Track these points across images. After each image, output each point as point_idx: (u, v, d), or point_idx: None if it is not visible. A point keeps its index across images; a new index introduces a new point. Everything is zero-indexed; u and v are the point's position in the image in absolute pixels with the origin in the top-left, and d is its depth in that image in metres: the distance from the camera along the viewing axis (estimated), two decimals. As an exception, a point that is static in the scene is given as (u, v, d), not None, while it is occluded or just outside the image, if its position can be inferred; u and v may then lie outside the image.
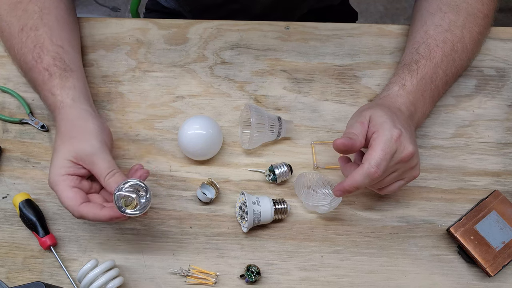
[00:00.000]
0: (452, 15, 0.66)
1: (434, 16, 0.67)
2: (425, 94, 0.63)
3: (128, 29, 0.76)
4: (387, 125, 0.56)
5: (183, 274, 0.61)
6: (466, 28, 0.66)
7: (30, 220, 0.62)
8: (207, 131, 0.64)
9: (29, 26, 0.63)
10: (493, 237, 0.61)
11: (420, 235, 0.64)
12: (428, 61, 0.64)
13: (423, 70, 0.63)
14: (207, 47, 0.75)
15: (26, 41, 0.63)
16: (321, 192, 0.64)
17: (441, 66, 0.64)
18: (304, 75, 0.73)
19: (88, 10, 1.84)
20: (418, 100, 0.63)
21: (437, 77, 0.64)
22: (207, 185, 0.64)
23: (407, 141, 0.56)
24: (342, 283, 0.61)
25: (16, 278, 0.61)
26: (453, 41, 0.65)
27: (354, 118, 0.60)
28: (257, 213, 0.61)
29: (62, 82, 0.61)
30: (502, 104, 0.71)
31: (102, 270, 0.57)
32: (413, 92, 0.62)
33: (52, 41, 0.63)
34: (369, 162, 0.55)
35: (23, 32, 0.63)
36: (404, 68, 0.65)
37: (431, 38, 0.65)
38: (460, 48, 0.65)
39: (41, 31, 0.63)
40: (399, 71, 0.65)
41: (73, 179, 0.56)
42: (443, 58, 0.64)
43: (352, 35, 0.76)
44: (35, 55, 0.62)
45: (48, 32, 0.63)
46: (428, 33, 0.66)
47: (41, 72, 0.61)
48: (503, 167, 0.67)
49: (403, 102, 0.61)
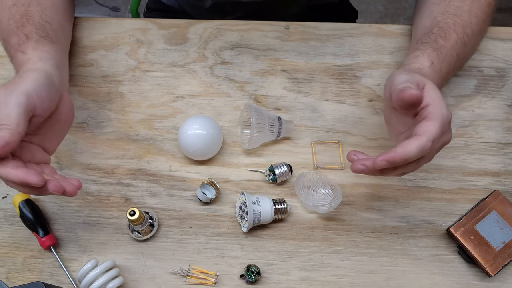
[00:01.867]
0: (457, 2, 0.65)
1: (439, 6, 0.65)
2: (444, 77, 0.60)
3: (128, 29, 0.76)
4: (443, 104, 0.51)
5: (183, 274, 0.61)
6: (473, 13, 0.64)
7: (30, 220, 0.61)
8: (207, 131, 0.64)
9: (22, 2, 0.62)
10: (493, 237, 0.61)
11: (420, 235, 0.64)
12: (446, 41, 0.61)
13: (443, 51, 0.60)
14: (207, 47, 0.75)
15: (15, 13, 0.61)
16: (321, 192, 0.64)
17: (455, 48, 0.61)
18: (304, 75, 0.73)
19: (88, 10, 1.84)
20: (439, 84, 0.59)
21: (452, 60, 0.61)
22: (207, 185, 0.64)
23: (450, 128, 0.52)
24: (342, 283, 0.61)
25: (16, 278, 0.61)
26: (463, 25, 0.63)
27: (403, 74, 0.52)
28: (257, 213, 0.61)
29: (37, 45, 0.57)
30: (502, 104, 0.71)
31: (102, 270, 0.57)
32: (437, 73, 0.58)
33: (41, 17, 0.62)
34: (428, 136, 0.48)
35: (14, 6, 0.62)
36: (426, 44, 0.60)
37: (441, 22, 0.63)
38: (470, 33, 0.63)
39: (32, 7, 0.62)
40: (420, 47, 0.60)
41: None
42: (457, 40, 0.62)
43: (352, 35, 0.76)
44: (19, 24, 0.60)
45: (39, 10, 0.62)
46: (437, 19, 0.63)
47: (20, 37, 0.58)
48: (503, 167, 0.67)
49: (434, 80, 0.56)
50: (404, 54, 0.74)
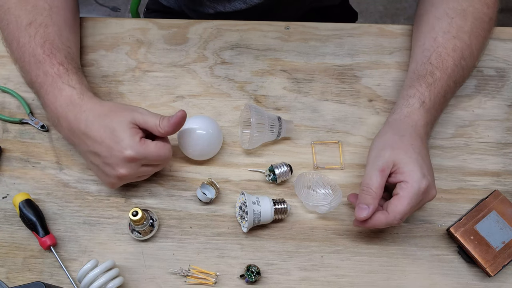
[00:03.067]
0: (459, 20, 0.65)
1: (441, 22, 0.66)
2: (439, 108, 0.63)
3: (128, 29, 0.76)
4: (416, 175, 0.56)
5: (183, 274, 0.61)
6: (474, 33, 0.65)
7: (30, 220, 0.61)
8: (207, 131, 0.64)
9: (38, 22, 0.64)
10: (493, 237, 0.61)
11: (420, 235, 0.64)
12: (443, 73, 0.63)
13: (439, 83, 0.62)
14: (207, 47, 0.75)
15: (35, 35, 0.63)
16: (321, 192, 0.64)
17: (452, 77, 0.64)
18: (304, 75, 0.73)
19: (88, 10, 1.84)
20: (433, 117, 0.63)
21: (449, 89, 0.64)
22: (207, 185, 0.64)
23: (432, 188, 0.57)
24: (342, 283, 0.61)
25: (16, 278, 0.61)
26: (462, 48, 0.64)
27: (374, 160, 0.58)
28: (257, 213, 0.61)
29: (80, 79, 0.63)
30: (502, 104, 0.71)
31: (102, 270, 0.57)
32: (430, 110, 0.62)
33: (61, 41, 0.65)
34: (395, 215, 0.55)
35: (31, 26, 0.64)
36: (421, 80, 0.63)
37: (441, 47, 0.64)
38: (468, 55, 0.65)
39: (50, 29, 0.64)
40: (415, 83, 0.63)
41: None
42: (454, 68, 0.64)
43: (352, 35, 0.76)
44: (46, 50, 0.62)
45: (58, 32, 0.65)
46: (437, 40, 0.65)
47: (55, 66, 0.62)
48: (503, 167, 0.67)
49: (422, 124, 0.61)
50: (404, 54, 0.74)
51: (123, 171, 0.58)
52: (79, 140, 0.60)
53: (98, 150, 0.58)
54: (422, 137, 0.60)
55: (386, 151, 0.58)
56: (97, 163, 0.59)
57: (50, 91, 0.61)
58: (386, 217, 0.56)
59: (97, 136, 0.58)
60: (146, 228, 0.61)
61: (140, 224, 0.60)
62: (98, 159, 0.59)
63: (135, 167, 0.59)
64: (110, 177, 0.59)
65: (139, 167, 0.59)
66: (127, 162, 0.58)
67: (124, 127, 0.58)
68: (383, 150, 0.58)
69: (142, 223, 0.60)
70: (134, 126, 0.59)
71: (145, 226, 0.61)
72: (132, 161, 0.58)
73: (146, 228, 0.61)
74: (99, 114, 0.59)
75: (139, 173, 0.60)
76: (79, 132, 0.59)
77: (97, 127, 0.58)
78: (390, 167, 0.57)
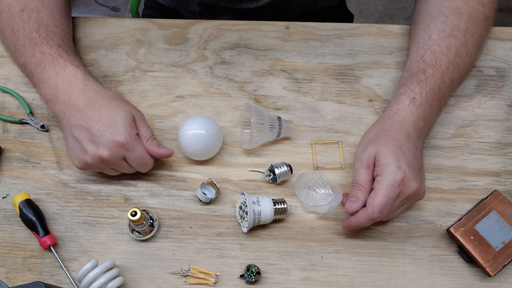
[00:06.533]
0: (454, 19, 0.65)
1: (436, 20, 0.66)
2: (434, 104, 0.63)
3: (128, 29, 0.76)
4: (391, 168, 0.57)
5: (183, 274, 0.61)
6: (469, 31, 0.65)
7: (30, 220, 0.62)
8: (207, 131, 0.64)
9: (30, 8, 0.65)
10: (493, 237, 0.61)
11: (420, 235, 0.64)
12: (435, 70, 0.63)
13: (431, 80, 0.63)
14: (207, 47, 0.75)
15: (28, 21, 0.64)
16: (321, 192, 0.64)
17: (447, 74, 0.64)
18: (304, 75, 0.73)
19: (88, 10, 1.84)
20: (427, 113, 0.62)
21: (444, 86, 0.64)
22: (207, 185, 0.64)
23: (411, 180, 0.57)
24: (342, 283, 0.61)
25: (16, 278, 0.61)
26: (457, 46, 0.64)
27: (359, 157, 0.60)
28: (257, 213, 0.61)
29: (81, 62, 0.65)
30: (502, 104, 0.71)
31: (102, 270, 0.57)
32: (422, 105, 0.62)
33: (55, 24, 0.66)
34: (373, 208, 0.56)
35: (23, 12, 0.65)
36: (412, 78, 0.63)
37: (435, 45, 0.65)
38: (464, 53, 0.65)
39: (42, 13, 0.65)
40: (407, 81, 0.64)
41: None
42: (449, 65, 0.64)
43: (352, 35, 0.76)
44: (42, 33, 0.64)
45: (50, 16, 0.66)
46: (432, 38, 0.65)
47: (53, 47, 0.63)
48: (503, 167, 0.67)
49: (412, 120, 0.61)
50: (403, 54, 0.74)
51: (106, 152, 0.59)
52: (71, 114, 0.60)
53: (91, 126, 0.59)
54: (410, 133, 0.60)
55: (369, 145, 0.60)
56: (81, 139, 0.59)
57: (50, 67, 0.62)
58: (365, 212, 0.57)
59: (96, 114, 0.59)
60: (146, 228, 0.61)
61: (139, 224, 0.60)
62: (85, 135, 0.59)
63: (117, 155, 0.59)
64: (87, 156, 0.59)
65: (121, 158, 0.60)
66: (114, 146, 0.59)
67: (126, 117, 0.60)
68: (367, 145, 0.60)
69: (141, 223, 0.60)
70: (134, 122, 0.61)
71: (145, 226, 0.61)
72: (119, 147, 0.59)
73: (146, 228, 0.61)
74: (103, 97, 0.61)
75: (115, 164, 0.61)
76: (76, 107, 0.60)
77: (99, 106, 0.60)
78: (373, 161, 0.59)
